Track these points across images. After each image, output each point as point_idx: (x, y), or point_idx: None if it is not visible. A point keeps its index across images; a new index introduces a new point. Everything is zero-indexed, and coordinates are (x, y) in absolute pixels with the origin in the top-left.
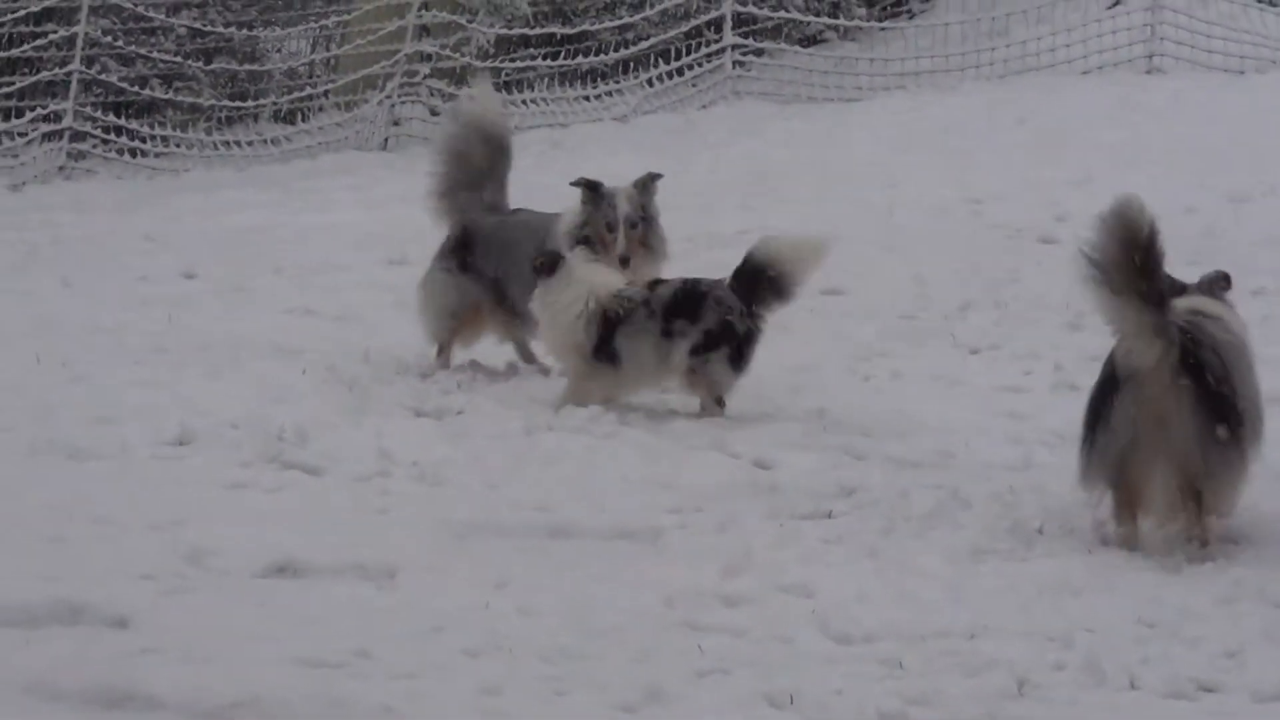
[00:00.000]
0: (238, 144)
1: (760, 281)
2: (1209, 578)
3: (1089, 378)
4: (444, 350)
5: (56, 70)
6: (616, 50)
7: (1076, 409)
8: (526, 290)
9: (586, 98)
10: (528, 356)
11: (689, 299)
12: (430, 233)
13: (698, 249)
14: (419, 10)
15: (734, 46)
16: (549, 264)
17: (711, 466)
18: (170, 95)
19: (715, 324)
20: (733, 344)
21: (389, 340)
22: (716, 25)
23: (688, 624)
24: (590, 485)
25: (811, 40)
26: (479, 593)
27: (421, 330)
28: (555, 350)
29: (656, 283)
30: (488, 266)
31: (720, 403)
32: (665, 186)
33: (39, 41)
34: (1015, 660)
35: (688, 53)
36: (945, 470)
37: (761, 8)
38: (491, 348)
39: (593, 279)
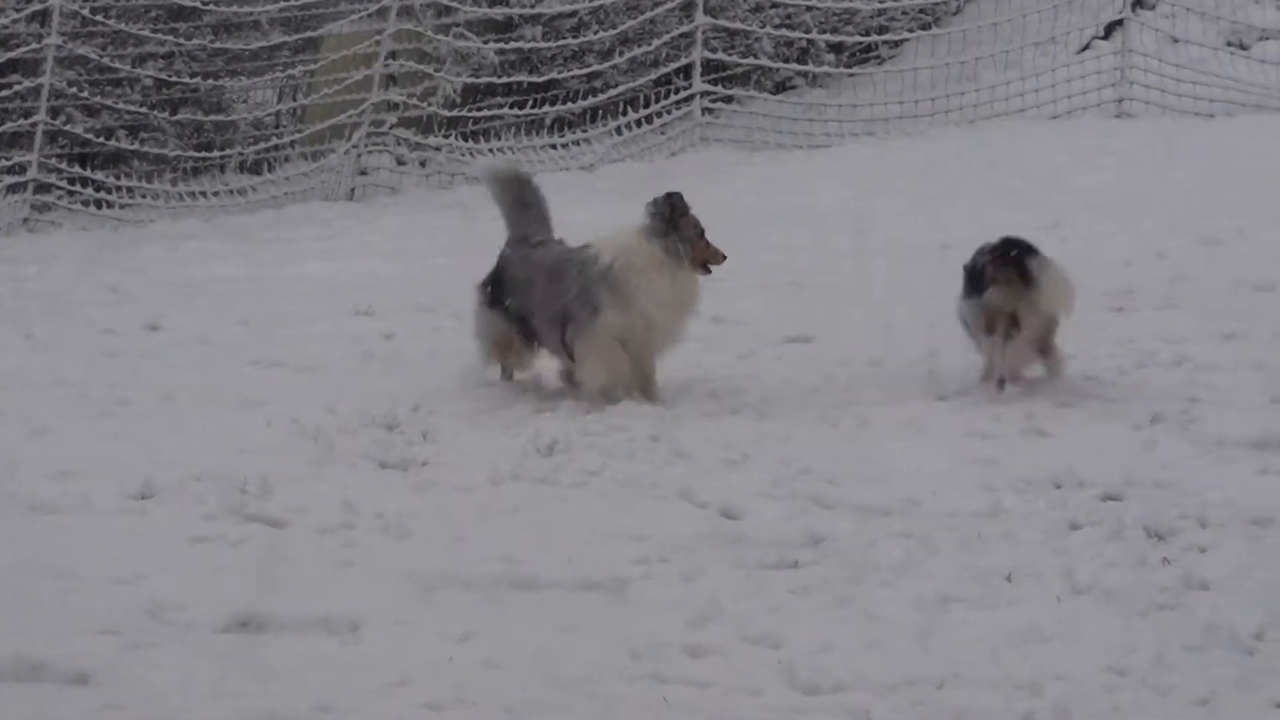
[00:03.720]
0: (204, 194)
1: None
2: (1180, 624)
3: (1058, 424)
4: (503, 370)
5: (21, 121)
6: (584, 98)
7: (1046, 455)
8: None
9: (553, 146)
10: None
11: None
12: (396, 282)
13: None
14: (386, 60)
15: (703, 93)
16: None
17: (678, 516)
18: (136, 146)
19: None
20: None
21: (354, 392)
22: (685, 72)
23: (654, 676)
24: (556, 536)
25: (780, 87)
26: (443, 646)
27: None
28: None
29: None
30: (513, 301)
31: None
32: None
33: (3, 93)
34: (985, 710)
35: (656, 100)
36: (913, 518)
37: (730, 54)
38: (455, 398)
39: None
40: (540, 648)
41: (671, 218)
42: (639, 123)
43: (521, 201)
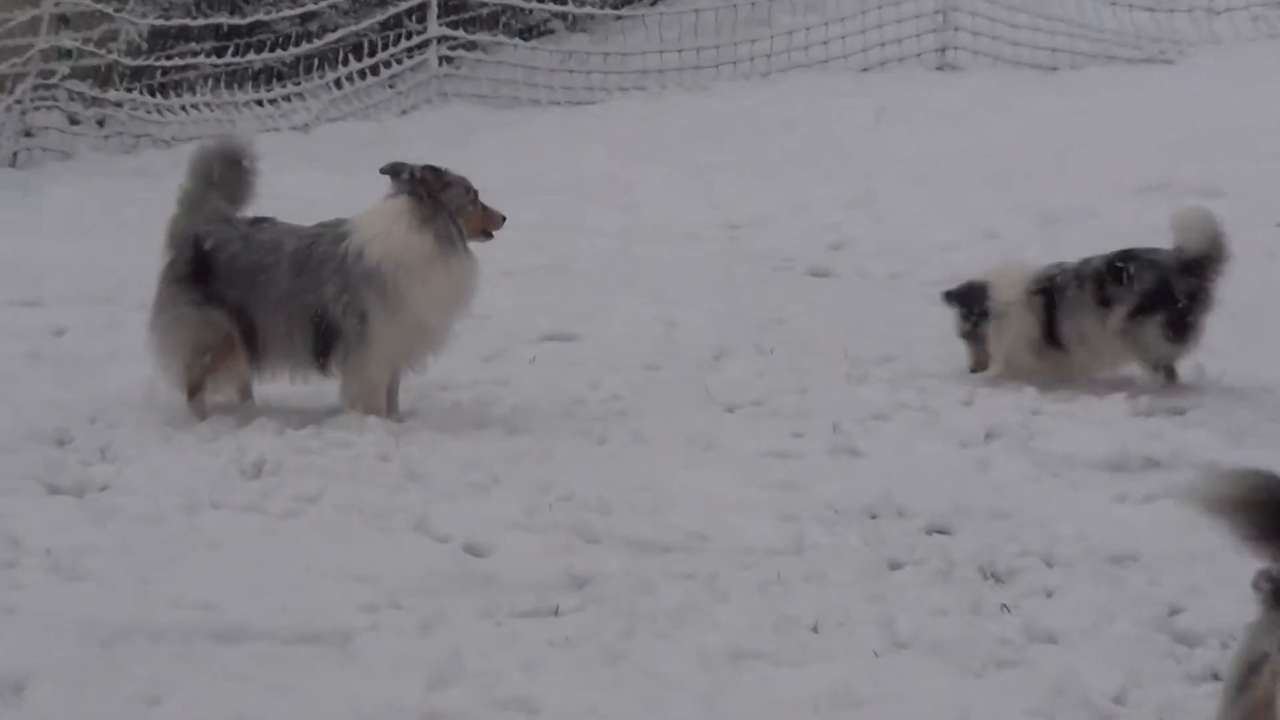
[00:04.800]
0: None
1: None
2: (1023, 684)
3: (874, 441)
4: (196, 392)
5: None
6: (297, 44)
7: (860, 479)
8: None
9: (260, 102)
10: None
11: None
12: (68, 266)
13: None
14: None
15: (441, 39)
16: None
17: (413, 552)
18: None
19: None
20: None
21: (17, 400)
22: (420, 13)
23: None
24: (266, 577)
25: (534, 31)
26: (126, 710)
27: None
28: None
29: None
30: (234, 294)
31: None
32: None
33: None
34: None
35: (384, 47)
36: (699, 555)
37: None
38: (140, 407)
39: None
40: (247, 713)
41: (434, 194)
42: (363, 74)
43: (230, 173)
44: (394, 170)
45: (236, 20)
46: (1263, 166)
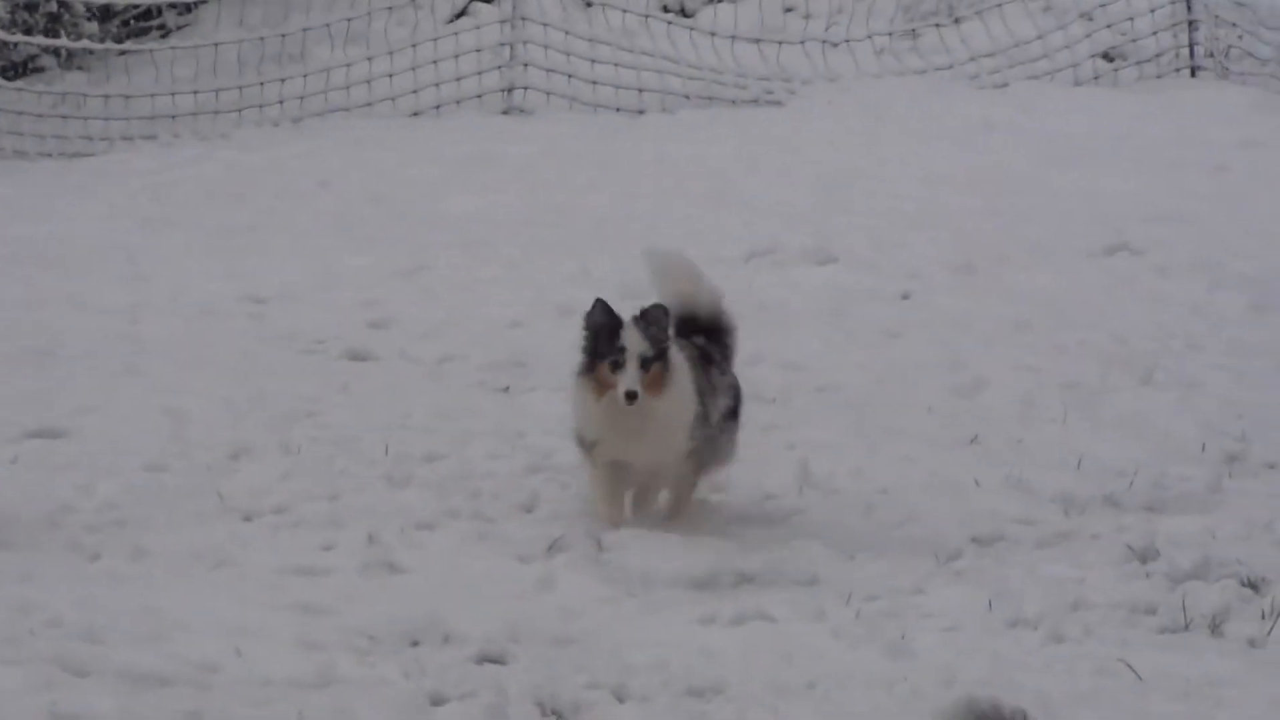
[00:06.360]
0: None
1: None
2: None
3: (417, 554)
4: None
5: None
6: None
7: (399, 599)
8: None
9: None
10: None
11: None
12: None
13: None
14: None
15: None
16: None
17: None
18: None
19: None
20: None
21: None
22: None
23: None
24: None
25: (20, 70)
26: None
27: None
28: None
29: None
30: None
31: None
32: None
33: None
34: None
35: None
36: (207, 691)
37: None
38: None
39: None
40: None
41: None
42: None
43: None
44: None
45: None
46: (881, 226)
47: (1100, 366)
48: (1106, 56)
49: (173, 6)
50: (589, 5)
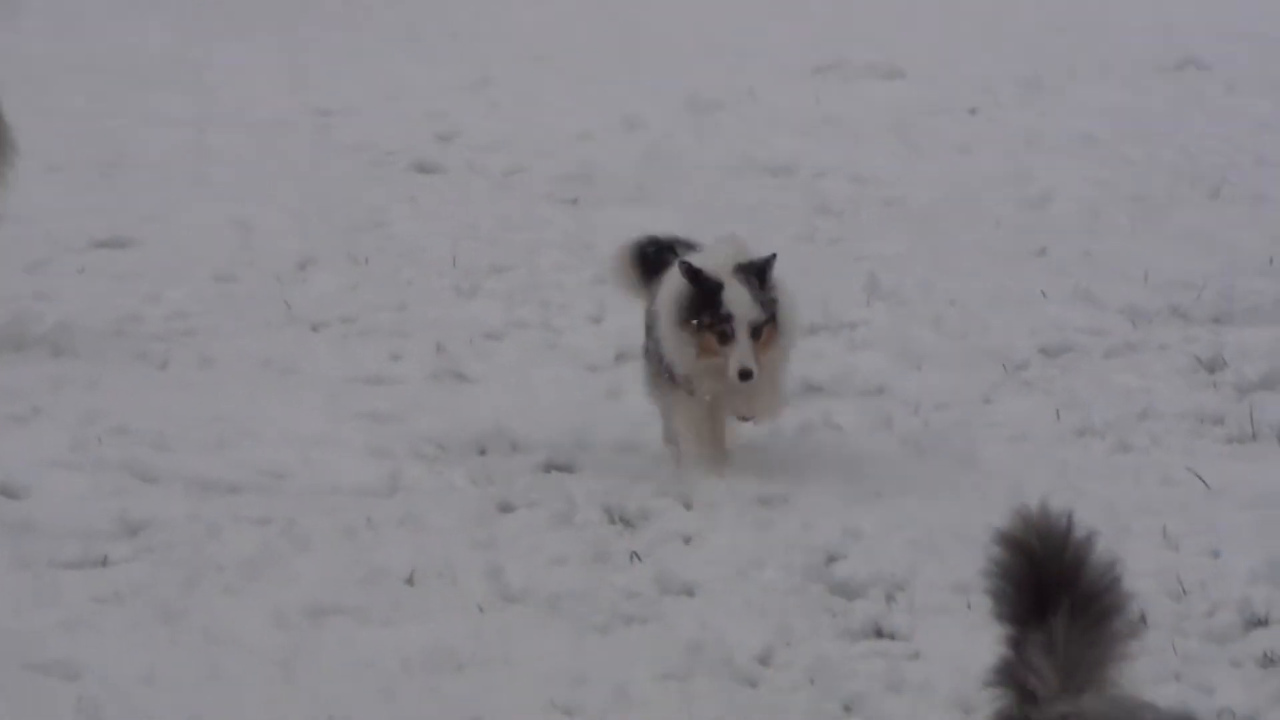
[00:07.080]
0: None
1: None
2: (653, 640)
3: (480, 362)
4: None
5: None
6: None
7: (469, 406)
8: None
9: None
10: None
11: None
12: None
13: None
14: None
15: None
16: None
17: None
18: None
19: None
20: None
21: None
22: None
23: None
24: None
25: None
26: None
27: None
28: None
29: None
30: None
31: None
32: None
33: None
34: None
35: None
36: (274, 497)
37: None
38: None
39: None
40: None
41: None
42: None
43: None
44: None
45: None
46: (948, 42)
47: (1168, 180)
48: None
49: None
50: None
